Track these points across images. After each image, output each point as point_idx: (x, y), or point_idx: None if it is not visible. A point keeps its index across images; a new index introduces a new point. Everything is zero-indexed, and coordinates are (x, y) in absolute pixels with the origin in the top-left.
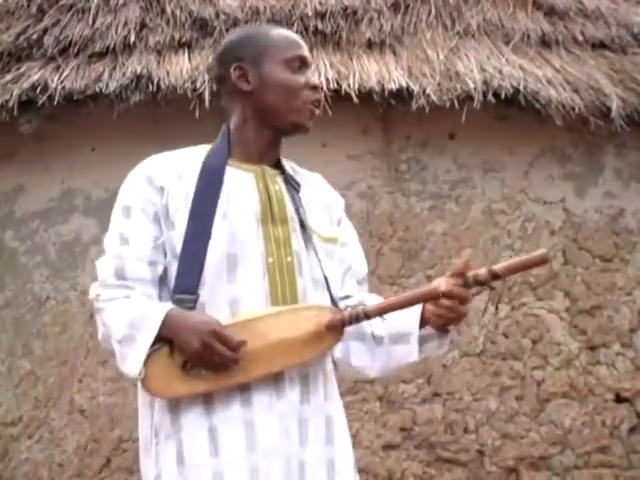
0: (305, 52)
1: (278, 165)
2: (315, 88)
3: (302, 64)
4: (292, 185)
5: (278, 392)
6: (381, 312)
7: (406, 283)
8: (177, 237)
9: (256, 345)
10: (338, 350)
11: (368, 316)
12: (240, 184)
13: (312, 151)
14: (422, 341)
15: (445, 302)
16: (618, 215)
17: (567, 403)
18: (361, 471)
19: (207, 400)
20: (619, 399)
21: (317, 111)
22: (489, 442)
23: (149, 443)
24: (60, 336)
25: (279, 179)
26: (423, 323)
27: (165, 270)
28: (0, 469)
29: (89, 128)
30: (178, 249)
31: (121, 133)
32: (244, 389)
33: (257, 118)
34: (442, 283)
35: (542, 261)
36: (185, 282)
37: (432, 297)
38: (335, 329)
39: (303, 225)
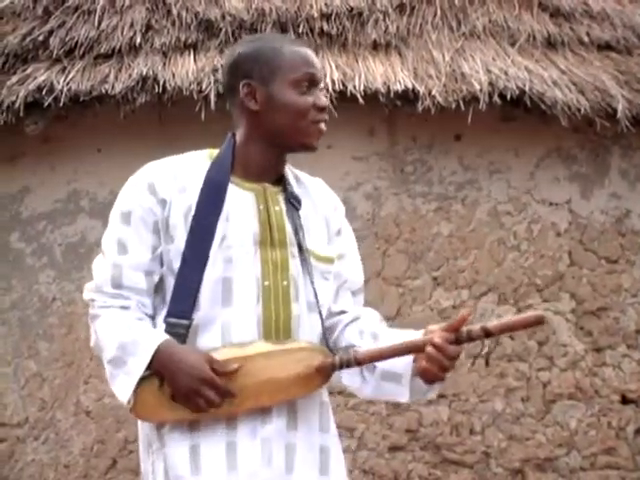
0: (315, 70)
1: (281, 179)
2: (323, 109)
3: (311, 83)
4: (293, 204)
5: (264, 418)
6: (372, 359)
7: (412, 285)
8: (174, 252)
9: (245, 383)
10: None
11: (359, 362)
12: (240, 204)
13: (317, 153)
14: (413, 384)
15: (434, 355)
16: (624, 216)
17: (573, 404)
18: (367, 473)
19: (192, 420)
20: (625, 400)
21: (324, 129)
22: (495, 444)
23: (148, 447)
24: (66, 337)
25: (280, 198)
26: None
27: (161, 278)
28: (6, 471)
29: (95, 129)
30: (175, 264)
31: (127, 134)
32: (231, 415)
33: (263, 137)
34: (435, 334)
35: (537, 322)
36: (179, 307)
37: (422, 350)
38: (325, 372)
39: (301, 248)
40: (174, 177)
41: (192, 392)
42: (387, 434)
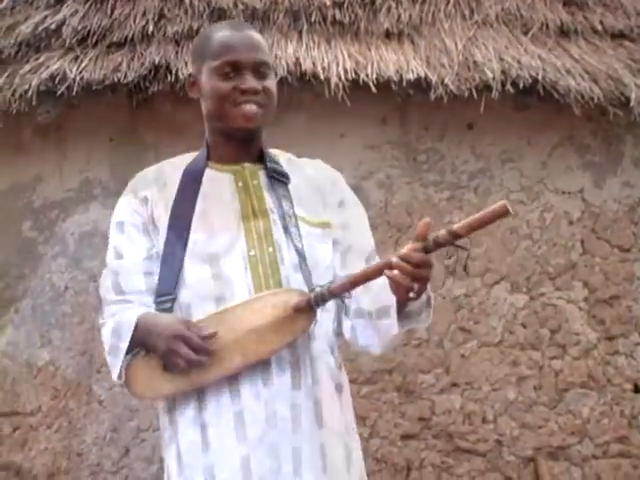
0: (236, 56)
1: (263, 158)
2: (245, 91)
3: (233, 69)
4: (275, 178)
5: (264, 379)
6: (344, 289)
7: None
8: (162, 244)
9: (228, 337)
10: (347, 332)
11: (333, 294)
12: (218, 185)
13: (330, 141)
14: (400, 312)
15: (399, 264)
16: (637, 205)
17: (585, 393)
18: (379, 461)
19: (200, 396)
20: (637, 389)
21: (255, 111)
22: (507, 432)
23: (162, 439)
24: (79, 326)
25: (261, 173)
26: None
27: None
28: (19, 459)
29: (107, 118)
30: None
31: (139, 123)
32: (232, 380)
33: (212, 124)
34: (403, 248)
35: (503, 213)
36: (164, 285)
37: (389, 266)
38: (304, 311)
39: (283, 216)
40: (155, 176)
41: (170, 352)
42: (399, 422)
